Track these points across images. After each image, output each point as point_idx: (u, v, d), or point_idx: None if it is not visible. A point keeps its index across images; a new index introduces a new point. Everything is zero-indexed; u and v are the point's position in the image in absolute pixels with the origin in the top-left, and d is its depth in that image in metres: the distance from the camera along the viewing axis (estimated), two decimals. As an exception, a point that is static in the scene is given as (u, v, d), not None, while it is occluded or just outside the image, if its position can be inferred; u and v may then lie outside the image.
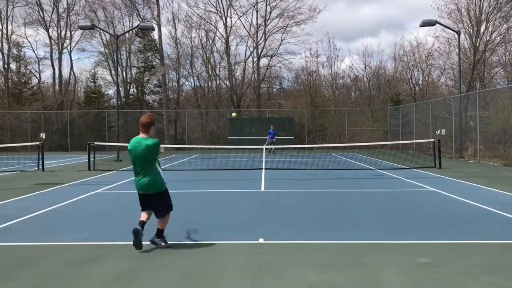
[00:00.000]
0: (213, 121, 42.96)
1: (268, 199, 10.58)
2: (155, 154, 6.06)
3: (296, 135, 35.67)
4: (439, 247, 6.17)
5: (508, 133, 21.10)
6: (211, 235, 6.90)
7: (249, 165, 19.89)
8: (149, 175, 6.04)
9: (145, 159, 5.99)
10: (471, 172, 16.29)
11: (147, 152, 5.96)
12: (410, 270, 5.17)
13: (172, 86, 46.09)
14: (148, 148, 5.95)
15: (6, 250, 6.33)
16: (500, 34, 30.94)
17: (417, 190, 11.72)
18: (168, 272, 5.23)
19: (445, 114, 26.14)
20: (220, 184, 13.52)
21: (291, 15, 41.92)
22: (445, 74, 38.11)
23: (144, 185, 6.07)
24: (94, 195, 11.28)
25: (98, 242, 6.54)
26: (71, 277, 5.08)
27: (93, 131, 37.95)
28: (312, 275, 5.05)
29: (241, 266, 5.39)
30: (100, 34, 42.91)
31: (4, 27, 41.26)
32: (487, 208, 8.96)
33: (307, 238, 6.69)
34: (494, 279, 4.91)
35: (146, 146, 5.95)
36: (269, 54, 43.26)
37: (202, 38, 44.04)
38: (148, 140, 5.97)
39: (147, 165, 6.02)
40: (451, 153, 23.83)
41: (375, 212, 8.84)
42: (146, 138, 6.00)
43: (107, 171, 17.48)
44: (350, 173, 16.24)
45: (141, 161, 6.01)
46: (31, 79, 43.72)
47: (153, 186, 6.08)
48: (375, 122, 38.27)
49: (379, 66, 44.38)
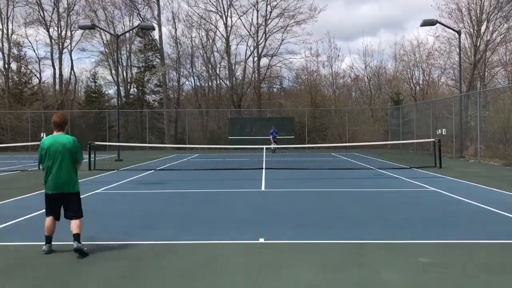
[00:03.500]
0: (214, 121, 42.95)
1: (269, 199, 10.58)
2: (77, 150, 6.05)
3: (296, 135, 35.66)
4: (439, 247, 6.16)
5: (509, 132, 21.08)
6: (211, 235, 6.90)
7: (249, 165, 19.89)
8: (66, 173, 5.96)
9: (65, 153, 5.94)
10: (471, 171, 16.28)
11: (69, 147, 5.96)
12: (410, 270, 5.17)
13: (173, 85, 46.12)
14: (69, 143, 5.97)
15: (6, 250, 6.33)
16: (501, 33, 30.95)
17: (418, 190, 11.72)
18: (168, 272, 5.23)
19: (445, 113, 26.13)
20: (220, 184, 13.52)
21: (291, 15, 41.95)
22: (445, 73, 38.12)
23: (61, 183, 5.95)
24: (94, 195, 11.28)
25: (98, 242, 6.54)
26: (71, 277, 5.08)
27: (93, 131, 37.95)
28: (312, 275, 5.05)
29: (241, 266, 5.39)
30: (101, 33, 42.96)
31: (5, 26, 41.29)
32: (488, 208, 8.95)
33: (307, 238, 6.69)
34: (494, 279, 4.90)
35: (67, 140, 5.97)
36: (270, 53, 43.29)
37: (203, 38, 44.07)
38: (66, 136, 6.04)
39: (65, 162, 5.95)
40: (451, 153, 23.82)
41: (375, 212, 8.84)
42: (62, 134, 6.05)
43: (107, 170, 17.48)
44: (351, 173, 16.24)
45: (61, 160, 5.92)
46: (32, 79, 43.75)
47: (71, 184, 6.01)
48: (375, 121, 38.26)
49: (379, 66, 44.43)
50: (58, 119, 6.07)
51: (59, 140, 5.97)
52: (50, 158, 5.94)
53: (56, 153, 5.93)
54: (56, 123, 6.07)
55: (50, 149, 5.94)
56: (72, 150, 5.99)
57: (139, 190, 12.27)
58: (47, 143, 5.99)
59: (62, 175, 5.94)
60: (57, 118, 6.09)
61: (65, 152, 5.94)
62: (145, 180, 14.52)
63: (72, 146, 5.99)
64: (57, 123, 6.07)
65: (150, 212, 8.95)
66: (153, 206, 9.74)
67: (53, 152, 5.93)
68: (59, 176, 5.93)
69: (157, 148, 32.57)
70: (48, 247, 5.97)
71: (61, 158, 5.93)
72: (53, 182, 5.95)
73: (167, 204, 10.05)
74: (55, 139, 6.00)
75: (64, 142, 5.97)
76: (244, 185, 13.16)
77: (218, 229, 7.38)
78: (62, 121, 6.08)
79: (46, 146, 5.97)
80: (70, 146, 5.98)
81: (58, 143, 5.95)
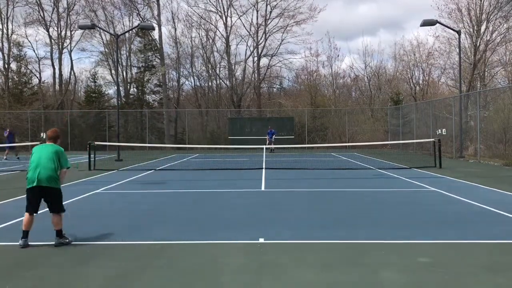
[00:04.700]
0: (213, 121, 42.96)
1: (268, 199, 10.57)
2: (62, 155, 6.57)
3: (296, 135, 35.66)
4: (439, 247, 6.17)
5: (509, 132, 21.08)
6: (211, 235, 6.90)
7: (249, 164, 19.89)
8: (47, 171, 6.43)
9: (50, 158, 6.46)
10: (471, 171, 16.28)
11: (56, 149, 6.57)
12: (410, 270, 5.17)
13: (172, 85, 46.15)
14: (56, 148, 6.58)
15: (6, 250, 6.33)
16: (501, 33, 30.95)
17: (418, 190, 11.72)
18: (168, 272, 5.23)
19: (445, 113, 26.14)
20: (220, 183, 13.52)
21: (291, 15, 41.97)
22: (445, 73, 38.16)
23: (43, 178, 6.37)
24: (94, 195, 11.28)
25: (98, 242, 6.55)
26: (71, 277, 5.08)
27: (93, 130, 37.97)
28: (312, 275, 5.05)
29: (241, 266, 5.39)
30: (100, 33, 42.96)
31: (5, 26, 41.30)
32: (488, 208, 8.95)
33: (307, 238, 6.69)
34: (494, 279, 4.90)
35: (55, 147, 6.62)
36: (269, 53, 43.31)
37: (202, 38, 44.09)
38: (56, 146, 6.68)
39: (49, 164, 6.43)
40: (451, 153, 23.82)
41: (375, 212, 8.84)
42: (53, 144, 6.71)
43: (107, 170, 17.48)
44: (351, 173, 16.24)
45: (46, 160, 6.43)
46: (32, 78, 43.77)
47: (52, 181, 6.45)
48: (375, 121, 38.26)
49: (379, 66, 44.48)
50: (51, 133, 6.83)
51: (48, 146, 6.67)
52: (37, 156, 6.52)
53: (42, 151, 6.53)
54: (49, 136, 6.80)
55: (37, 150, 6.61)
56: (58, 152, 6.54)
57: (139, 190, 12.27)
58: (37, 147, 6.74)
59: (44, 172, 6.38)
60: (50, 132, 6.87)
61: (50, 153, 6.49)
62: (145, 180, 14.52)
63: (58, 149, 6.59)
64: (49, 136, 6.80)
65: (150, 212, 8.95)
66: (153, 206, 9.73)
67: (39, 150, 6.58)
68: (40, 173, 6.37)
69: (157, 148, 32.57)
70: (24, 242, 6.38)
71: (46, 157, 6.45)
72: (34, 176, 6.38)
73: (167, 204, 10.04)
74: (45, 145, 6.74)
75: (51, 147, 6.61)
76: (244, 185, 13.15)
77: (218, 229, 7.38)
78: (54, 135, 6.82)
79: (35, 148, 6.70)
80: (57, 149, 6.59)
81: (47, 147, 6.64)
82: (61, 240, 6.39)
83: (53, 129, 6.97)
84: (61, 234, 6.43)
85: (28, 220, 6.37)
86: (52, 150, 6.52)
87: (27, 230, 6.34)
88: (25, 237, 6.32)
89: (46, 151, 6.51)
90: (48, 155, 6.45)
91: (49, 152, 6.49)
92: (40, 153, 6.51)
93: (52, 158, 6.44)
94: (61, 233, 6.42)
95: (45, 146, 6.67)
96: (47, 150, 6.53)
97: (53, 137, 6.78)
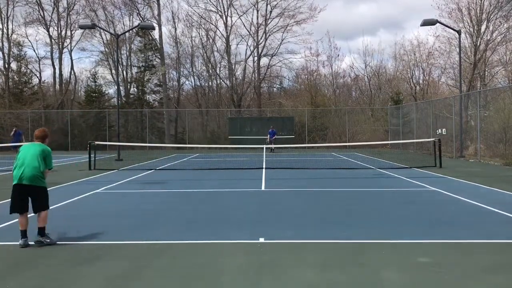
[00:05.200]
0: (214, 121, 42.96)
1: (269, 199, 10.57)
2: (48, 155, 6.66)
3: (296, 135, 35.66)
4: (439, 247, 6.16)
5: (509, 132, 21.07)
6: (211, 234, 6.90)
7: (249, 164, 19.88)
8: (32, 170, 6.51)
9: (36, 157, 6.53)
10: (471, 171, 16.27)
11: (43, 148, 6.65)
12: (410, 270, 5.17)
13: (173, 85, 46.14)
14: (43, 150, 6.62)
15: (6, 250, 6.33)
16: (501, 33, 30.94)
17: (418, 190, 11.71)
18: (168, 272, 5.23)
19: (445, 113, 26.13)
20: (220, 183, 13.52)
21: (291, 15, 41.99)
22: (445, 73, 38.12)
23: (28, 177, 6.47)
24: (94, 195, 11.28)
25: (98, 242, 6.55)
26: (71, 277, 5.08)
27: (93, 130, 37.97)
28: (312, 275, 5.05)
29: (241, 266, 5.39)
30: (101, 33, 42.95)
31: (5, 26, 41.28)
32: (488, 208, 8.95)
33: (307, 237, 6.69)
34: (495, 279, 4.90)
35: (42, 146, 6.68)
36: (270, 53, 43.33)
37: (203, 38, 44.09)
38: (44, 146, 6.75)
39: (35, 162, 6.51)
40: (451, 153, 23.82)
41: (376, 211, 8.84)
42: (40, 143, 6.76)
43: (107, 170, 17.48)
44: (351, 173, 16.24)
45: (32, 158, 6.50)
46: (32, 78, 43.76)
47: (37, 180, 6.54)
48: (375, 121, 38.26)
49: (379, 66, 44.45)
50: (39, 132, 6.90)
51: (35, 145, 6.73)
52: (23, 154, 6.60)
53: (29, 150, 6.60)
54: (36, 135, 6.87)
55: (25, 148, 6.70)
56: (45, 151, 6.63)
57: (139, 190, 12.27)
58: (25, 145, 6.82)
59: (29, 170, 6.46)
60: (38, 131, 6.94)
61: (36, 152, 6.55)
62: (145, 180, 14.52)
63: (45, 149, 6.67)
64: (37, 135, 6.86)
65: (150, 212, 8.95)
66: (153, 206, 9.73)
67: (27, 148, 6.67)
68: (24, 171, 6.46)
69: (157, 147, 32.55)
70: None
71: (32, 155, 6.53)
72: (18, 174, 6.51)
73: (167, 204, 10.04)
74: (33, 143, 6.82)
75: (39, 146, 6.67)
76: (244, 185, 13.15)
77: (218, 229, 7.38)
78: (42, 134, 6.87)
79: (23, 147, 6.77)
80: (44, 148, 6.67)
81: (34, 146, 6.71)
82: (42, 239, 6.38)
83: (41, 129, 7.04)
84: (44, 232, 6.44)
85: (21, 219, 6.44)
86: (39, 149, 6.58)
87: (24, 229, 6.39)
88: (24, 236, 6.35)
89: (33, 150, 6.57)
90: (35, 154, 6.52)
91: (36, 151, 6.56)
92: (27, 152, 6.58)
93: (38, 158, 6.50)
94: (44, 231, 6.43)
95: (32, 145, 6.74)
96: (34, 149, 6.59)
97: (41, 137, 6.84)
